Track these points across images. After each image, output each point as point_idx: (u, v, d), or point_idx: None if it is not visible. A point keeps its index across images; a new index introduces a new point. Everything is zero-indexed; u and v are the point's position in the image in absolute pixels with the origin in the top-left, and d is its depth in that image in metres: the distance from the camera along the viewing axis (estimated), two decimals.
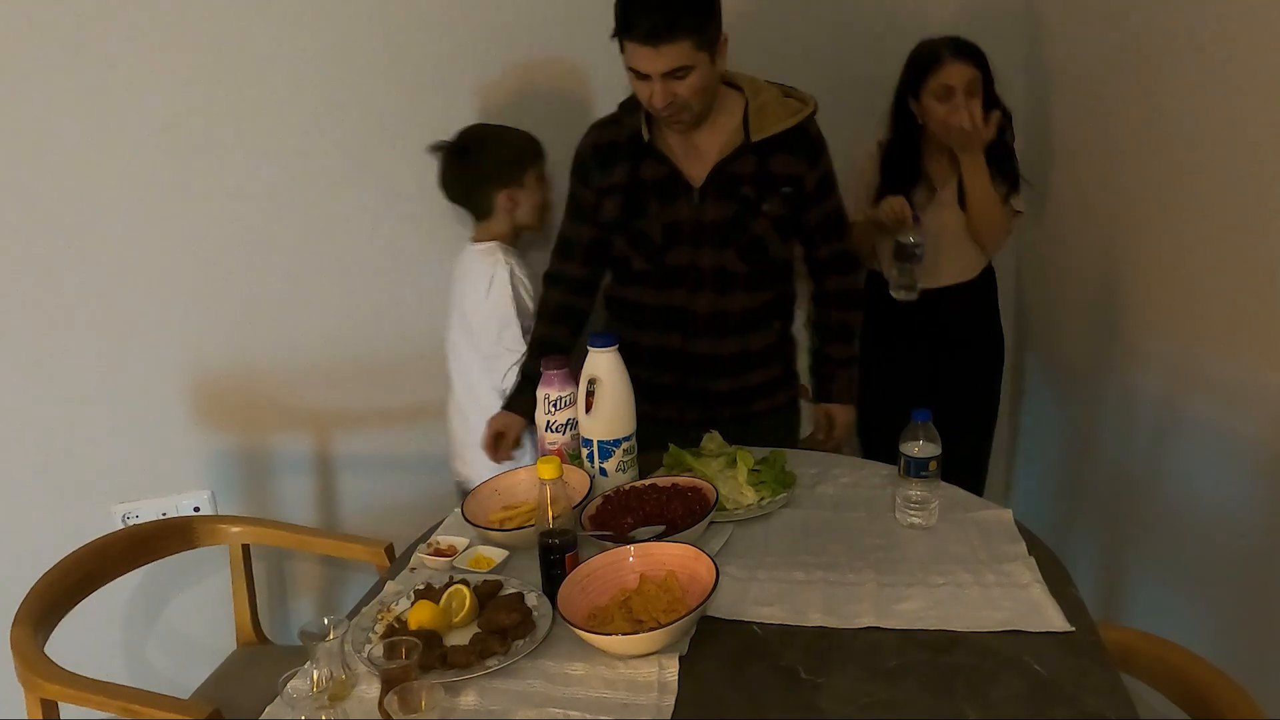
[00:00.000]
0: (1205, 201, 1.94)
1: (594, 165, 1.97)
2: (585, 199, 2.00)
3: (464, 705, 1.24)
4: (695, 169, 1.92)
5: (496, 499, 1.73)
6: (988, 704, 1.17)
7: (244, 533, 1.99)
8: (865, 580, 1.44)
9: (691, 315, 1.98)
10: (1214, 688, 1.29)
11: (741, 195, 1.93)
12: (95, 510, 2.23)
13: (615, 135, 1.96)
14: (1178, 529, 2.11)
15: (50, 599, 1.69)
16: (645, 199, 1.94)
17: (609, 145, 1.96)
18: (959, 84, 2.16)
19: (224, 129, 2.16)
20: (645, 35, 1.73)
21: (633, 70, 1.79)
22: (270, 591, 2.39)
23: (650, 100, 1.81)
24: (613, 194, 1.96)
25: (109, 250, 2.16)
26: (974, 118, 2.12)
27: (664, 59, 1.74)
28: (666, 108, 1.80)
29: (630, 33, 1.74)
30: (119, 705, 1.52)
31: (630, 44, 1.76)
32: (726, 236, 1.94)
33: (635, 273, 2.01)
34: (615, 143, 1.95)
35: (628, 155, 1.94)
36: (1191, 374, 2.03)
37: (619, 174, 1.95)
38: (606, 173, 1.96)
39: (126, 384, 2.23)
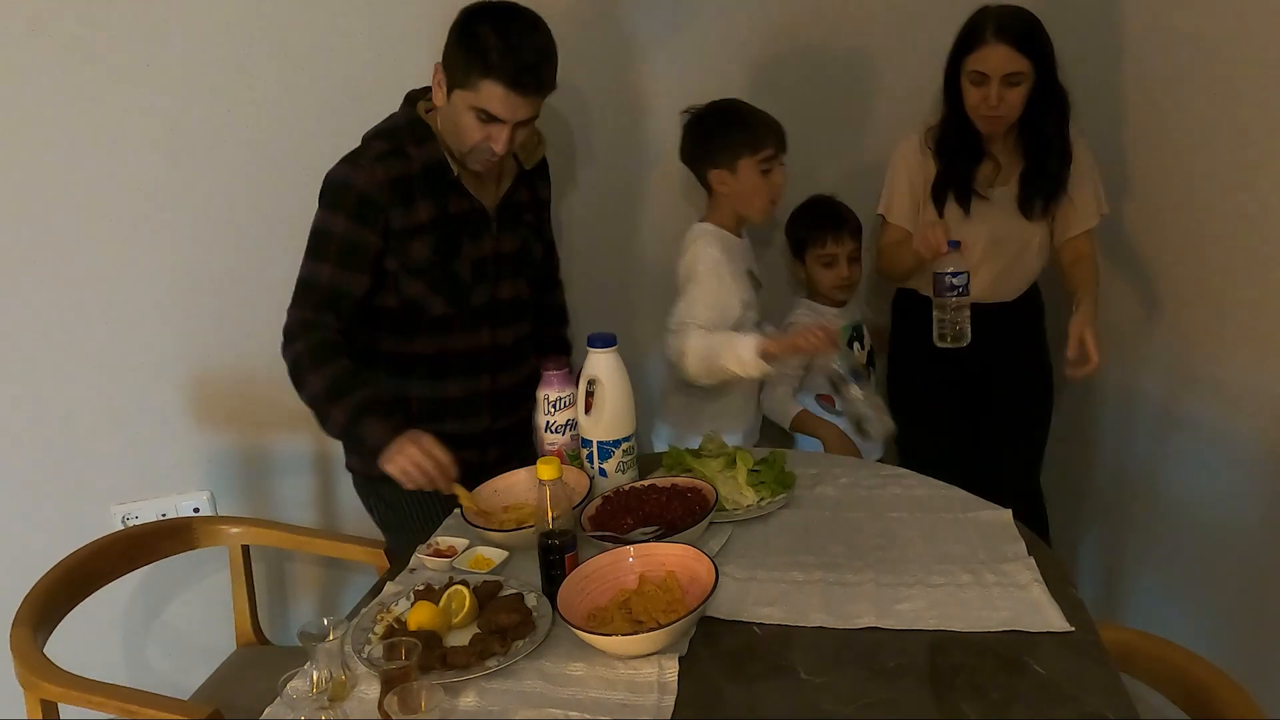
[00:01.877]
0: (1204, 201, 1.94)
1: (390, 203, 1.74)
2: (368, 243, 1.75)
3: (464, 706, 1.24)
4: (488, 200, 1.85)
5: (496, 499, 1.73)
6: (988, 704, 1.17)
7: (243, 534, 2.00)
8: (865, 580, 1.44)
9: (498, 351, 1.90)
10: (1213, 687, 1.29)
11: (525, 222, 1.92)
12: (95, 511, 2.23)
13: (406, 169, 1.76)
14: (1177, 529, 2.11)
15: (50, 600, 1.68)
16: (456, 236, 1.80)
17: (404, 180, 1.75)
18: (994, 72, 1.96)
19: (223, 128, 2.16)
20: (520, 84, 1.65)
21: (479, 110, 1.67)
22: (270, 592, 2.39)
23: (488, 142, 1.70)
24: (420, 234, 1.77)
25: (108, 250, 2.16)
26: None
27: (527, 108, 1.69)
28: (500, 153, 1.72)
29: (499, 76, 1.64)
30: (119, 706, 1.52)
31: (493, 86, 1.65)
32: (519, 266, 1.91)
33: (434, 319, 1.83)
34: (409, 176, 1.76)
35: (429, 190, 1.77)
36: (1191, 374, 2.03)
37: (424, 211, 1.77)
38: (409, 211, 1.75)
39: (126, 384, 2.23)
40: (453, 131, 1.74)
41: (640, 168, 2.43)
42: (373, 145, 1.78)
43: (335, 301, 1.76)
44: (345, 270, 1.76)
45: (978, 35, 1.98)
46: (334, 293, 1.75)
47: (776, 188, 2.04)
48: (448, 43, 1.71)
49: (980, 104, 1.99)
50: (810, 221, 2.26)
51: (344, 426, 1.70)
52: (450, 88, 1.71)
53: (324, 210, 1.77)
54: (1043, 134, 2.04)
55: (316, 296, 1.76)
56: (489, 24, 1.68)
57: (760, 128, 2.03)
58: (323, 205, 1.77)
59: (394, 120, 1.82)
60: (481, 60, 1.65)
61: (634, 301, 2.49)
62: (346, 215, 1.74)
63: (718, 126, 2.05)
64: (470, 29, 1.68)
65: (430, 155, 1.77)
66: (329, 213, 1.76)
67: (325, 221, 1.76)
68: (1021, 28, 1.96)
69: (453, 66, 1.70)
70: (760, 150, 2.01)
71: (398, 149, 1.77)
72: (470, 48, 1.67)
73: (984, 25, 1.97)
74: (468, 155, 1.76)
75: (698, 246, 2.03)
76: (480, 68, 1.65)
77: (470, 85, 1.67)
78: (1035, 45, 1.96)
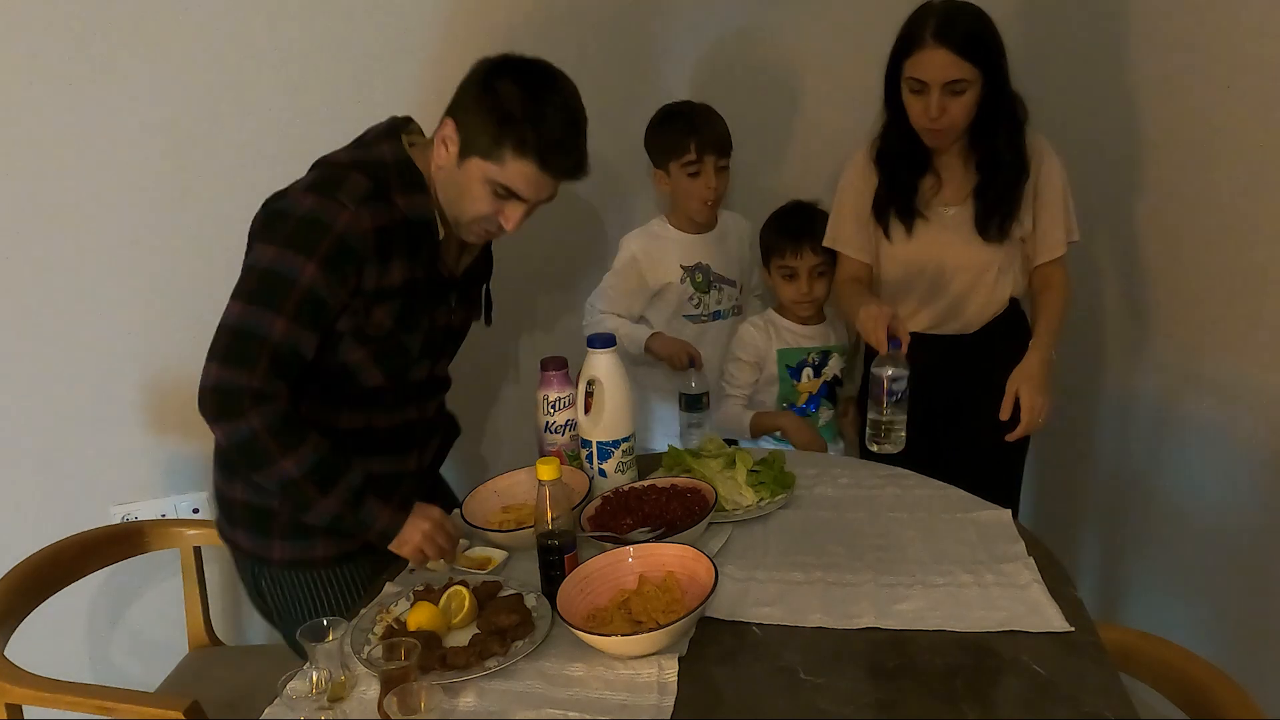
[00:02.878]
0: (1204, 202, 1.94)
1: (368, 258, 1.48)
2: (335, 300, 1.47)
3: (463, 706, 1.24)
4: (452, 268, 1.67)
5: (496, 500, 1.73)
6: (987, 704, 1.17)
7: (197, 535, 1.98)
8: (864, 581, 1.44)
9: (425, 426, 1.73)
10: (1212, 687, 1.29)
11: (473, 296, 1.77)
12: (94, 511, 2.23)
13: (391, 218, 1.50)
14: (1177, 529, 2.11)
15: (4, 605, 1.64)
16: (420, 306, 1.58)
17: (386, 232, 1.49)
18: (934, 80, 1.74)
19: (218, 128, 2.16)
20: (555, 165, 1.50)
21: (499, 185, 1.49)
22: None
23: (498, 218, 1.54)
24: (388, 299, 1.52)
25: (107, 250, 2.16)
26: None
27: (553, 188, 1.54)
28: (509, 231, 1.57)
29: (533, 155, 1.47)
30: (95, 704, 1.49)
31: (524, 165, 1.47)
32: (458, 340, 1.77)
33: (364, 391, 1.58)
34: (392, 229, 1.50)
35: (409, 250, 1.53)
36: (1191, 374, 2.03)
37: (398, 273, 1.52)
38: (383, 270, 1.50)
39: (125, 384, 2.23)
40: (456, 197, 1.54)
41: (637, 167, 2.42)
42: (352, 179, 1.49)
43: (286, 364, 1.45)
44: (301, 328, 1.45)
45: (915, 38, 1.74)
46: (286, 353, 1.44)
47: (707, 190, 2.09)
48: (466, 99, 1.51)
49: (921, 115, 1.78)
50: (774, 228, 2.14)
51: (337, 515, 1.48)
52: (466, 152, 1.49)
53: (284, 249, 1.44)
54: (993, 146, 1.83)
55: (264, 356, 1.43)
56: (521, 88, 1.48)
57: (681, 134, 2.08)
58: (281, 241, 1.45)
59: (378, 154, 1.54)
60: (513, 130, 1.45)
61: None
62: (319, 263, 1.43)
63: (651, 130, 2.15)
64: (501, 90, 1.47)
65: (418, 209, 1.53)
66: (292, 253, 1.43)
67: (285, 262, 1.44)
68: (965, 30, 1.73)
69: (475, 130, 1.48)
70: (682, 155, 2.08)
71: (382, 192, 1.50)
72: (502, 116, 1.46)
73: (922, 26, 1.74)
74: (463, 228, 1.58)
75: (622, 241, 2.20)
76: (514, 142, 1.46)
77: (495, 157, 1.47)
78: (981, 49, 1.73)
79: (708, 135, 2.08)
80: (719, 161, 2.10)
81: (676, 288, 2.19)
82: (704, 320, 2.22)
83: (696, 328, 2.22)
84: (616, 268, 2.18)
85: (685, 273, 2.19)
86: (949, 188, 1.92)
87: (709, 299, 2.21)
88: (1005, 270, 1.94)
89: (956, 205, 1.91)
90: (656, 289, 2.19)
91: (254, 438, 1.43)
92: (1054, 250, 1.93)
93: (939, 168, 1.91)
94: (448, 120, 1.52)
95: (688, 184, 2.11)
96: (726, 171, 2.13)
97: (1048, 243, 1.92)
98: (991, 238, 1.89)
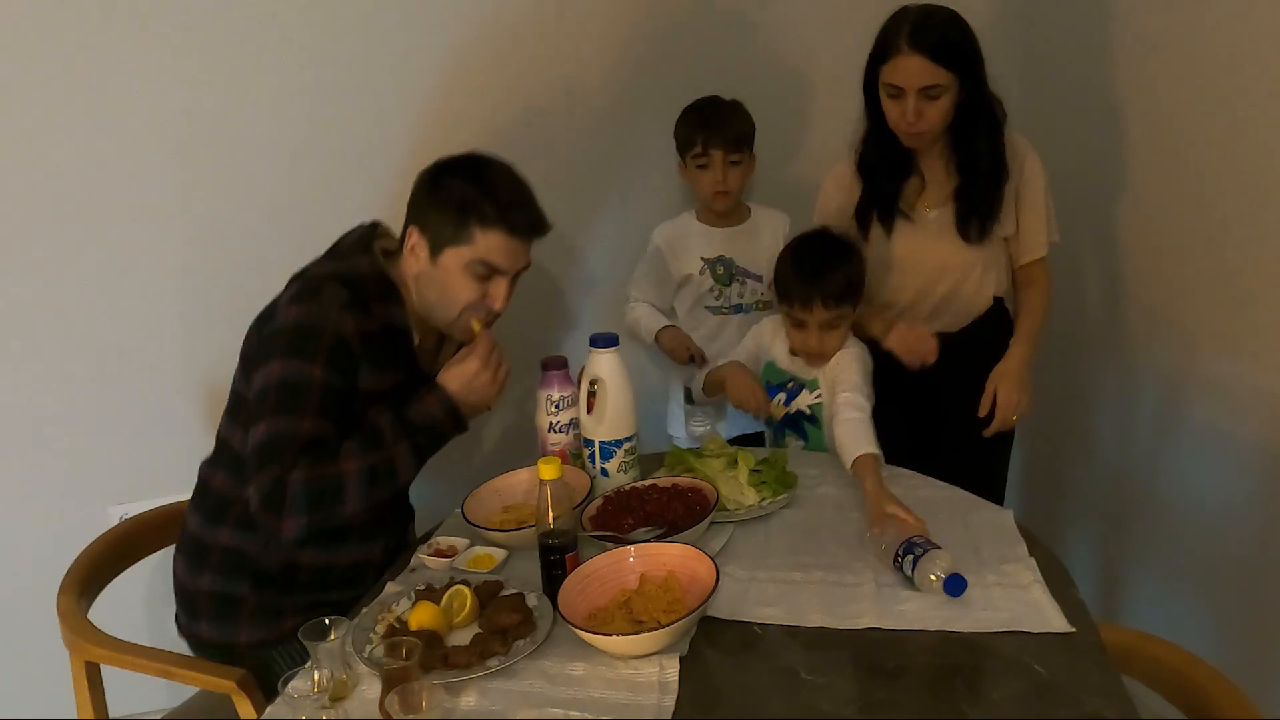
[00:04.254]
0: (1204, 202, 1.94)
1: (361, 356, 1.54)
2: (346, 389, 1.53)
3: (465, 705, 1.24)
4: (428, 365, 1.72)
5: (497, 499, 1.74)
6: (988, 704, 1.18)
7: None
8: (865, 581, 1.44)
9: (395, 509, 1.76)
10: (1212, 688, 1.29)
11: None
12: (93, 511, 2.23)
13: (369, 326, 1.55)
14: (1177, 529, 2.11)
15: (92, 569, 1.74)
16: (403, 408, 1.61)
17: (368, 338, 1.55)
18: (909, 85, 1.75)
19: (227, 128, 2.16)
20: (520, 228, 1.58)
21: (478, 264, 1.57)
22: None
23: (486, 300, 1.61)
24: (381, 400, 1.57)
25: (108, 250, 2.16)
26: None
27: (526, 254, 1.62)
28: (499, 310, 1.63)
29: (498, 223, 1.56)
30: (159, 668, 1.59)
31: (493, 235, 1.57)
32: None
33: None
34: (371, 334, 1.56)
35: (392, 356, 1.60)
36: (1190, 375, 2.03)
37: (388, 379, 1.58)
38: (375, 373, 1.56)
39: (125, 384, 2.23)
40: (439, 296, 1.61)
41: (638, 166, 2.43)
42: (329, 288, 1.54)
43: (309, 450, 1.49)
44: (326, 420, 1.50)
45: (890, 44, 1.75)
46: (310, 444, 1.49)
47: (714, 182, 2.13)
48: (421, 205, 1.61)
49: (899, 120, 1.79)
50: (788, 263, 1.88)
51: (413, 447, 1.55)
52: (437, 248, 1.59)
53: (288, 359, 1.50)
54: (971, 149, 1.85)
55: (294, 451, 1.47)
56: (467, 176, 1.59)
57: (691, 128, 2.14)
58: (283, 354, 1.51)
59: (354, 266, 1.61)
60: (474, 210, 1.56)
61: None
62: (323, 362, 1.49)
63: (677, 123, 2.19)
64: (449, 184, 1.59)
65: (394, 317, 1.61)
66: (299, 361, 1.49)
67: (296, 372, 1.49)
68: (939, 36, 1.73)
69: (437, 225, 1.58)
70: (690, 148, 2.14)
71: (360, 301, 1.55)
72: (458, 203, 1.57)
73: (897, 33, 1.74)
74: (452, 324, 1.64)
75: (653, 233, 2.27)
76: (476, 218, 1.56)
77: (465, 240, 1.57)
78: (955, 55, 1.74)
79: (716, 129, 2.11)
80: (729, 156, 2.12)
81: (696, 279, 2.22)
82: (724, 312, 2.23)
83: (717, 319, 2.24)
84: (645, 257, 2.27)
85: (705, 264, 2.22)
86: (931, 191, 1.93)
87: (730, 291, 2.23)
88: (989, 270, 1.96)
89: (938, 208, 1.93)
90: (679, 279, 2.24)
91: (308, 482, 1.47)
92: (1036, 251, 1.96)
93: (921, 171, 1.93)
94: (411, 230, 1.63)
95: (698, 176, 2.16)
96: (740, 166, 2.14)
97: (1030, 244, 1.95)
98: (972, 240, 1.90)
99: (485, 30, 2.26)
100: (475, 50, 2.27)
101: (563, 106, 2.34)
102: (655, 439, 2.35)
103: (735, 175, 2.15)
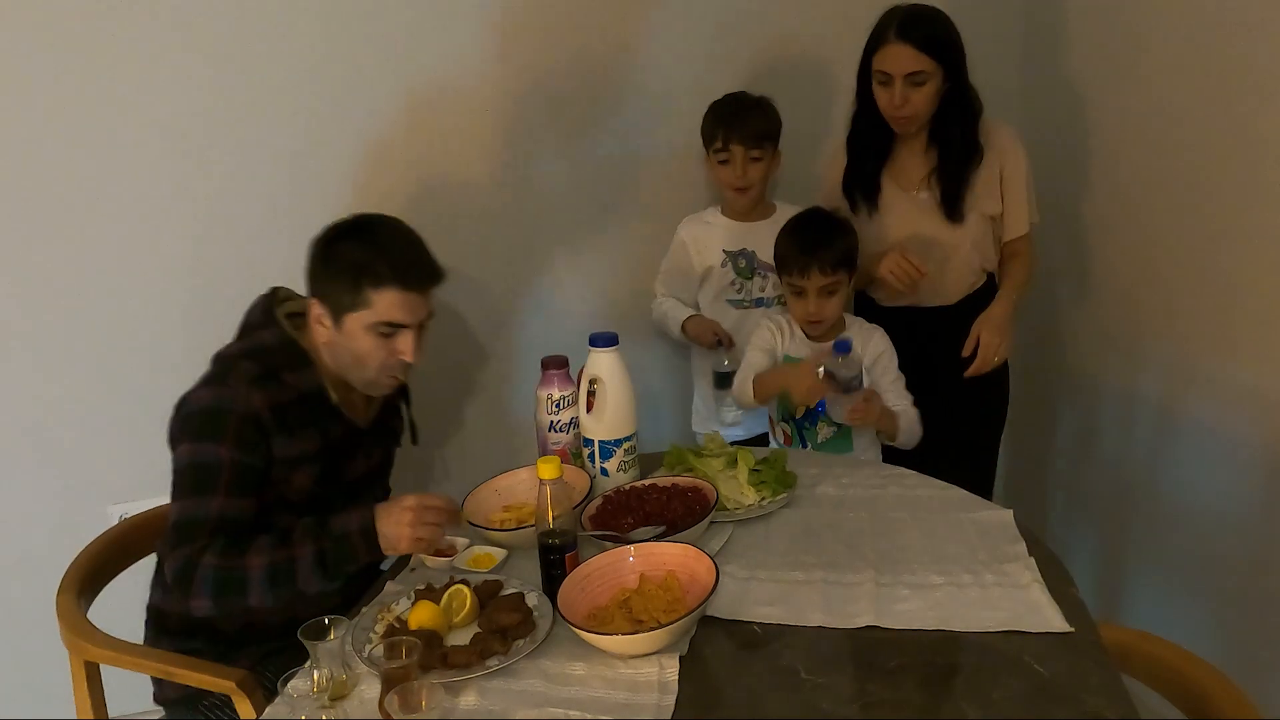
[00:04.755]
0: (1204, 202, 1.94)
1: (272, 430, 1.58)
2: (256, 467, 1.57)
3: (464, 705, 1.24)
4: (361, 417, 1.74)
5: (496, 499, 1.74)
6: (988, 704, 1.18)
7: None
8: (865, 580, 1.44)
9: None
10: (1211, 688, 1.29)
11: (393, 427, 1.84)
12: (91, 511, 2.23)
13: (282, 397, 1.60)
14: (1176, 529, 2.11)
15: (92, 569, 1.74)
16: (337, 462, 1.68)
17: (281, 409, 1.59)
18: (897, 71, 1.94)
19: (229, 128, 2.16)
20: (413, 281, 1.60)
21: (379, 325, 1.59)
22: None
23: (396, 357, 1.63)
24: (304, 464, 1.62)
25: (108, 250, 2.16)
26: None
27: (425, 304, 1.63)
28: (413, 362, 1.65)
29: (390, 281, 1.58)
30: (159, 667, 1.60)
31: (388, 294, 1.58)
32: (384, 474, 1.85)
33: None
34: (286, 405, 1.60)
35: (311, 420, 1.63)
36: (1190, 375, 2.03)
37: (308, 441, 1.62)
38: (291, 441, 1.60)
39: (123, 384, 2.23)
40: (351, 360, 1.64)
41: (638, 165, 2.43)
42: (241, 366, 1.60)
43: (224, 527, 1.54)
44: (236, 498, 1.55)
45: (882, 35, 1.97)
46: (228, 523, 1.54)
47: (734, 178, 2.16)
48: (317, 275, 1.63)
49: (887, 104, 1.99)
50: (785, 238, 2.01)
51: (318, 552, 1.51)
52: (338, 316, 1.61)
53: (195, 443, 1.56)
54: (947, 133, 2.03)
55: (206, 531, 1.52)
56: (354, 240, 1.62)
57: (713, 124, 2.17)
58: (192, 437, 1.57)
59: (260, 340, 1.65)
60: (366, 273, 1.58)
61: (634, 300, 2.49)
62: (230, 443, 1.54)
63: (704, 118, 2.21)
64: (336, 251, 1.62)
65: (309, 382, 1.64)
66: (205, 444, 1.55)
67: (202, 454, 1.55)
68: (925, 27, 1.94)
69: (336, 294, 1.60)
70: (711, 143, 2.18)
71: (271, 374, 1.61)
72: (346, 267, 1.59)
73: (888, 25, 1.96)
74: (372, 384, 1.67)
75: (678, 227, 2.30)
76: (369, 280, 1.58)
77: (363, 304, 1.59)
78: (938, 46, 1.94)
79: (737, 126, 2.14)
80: (750, 152, 2.14)
81: (718, 271, 2.25)
82: (746, 306, 2.26)
83: (738, 313, 2.26)
84: (669, 251, 2.31)
85: (728, 257, 2.24)
86: (913, 174, 2.10)
87: (751, 285, 2.25)
88: (978, 246, 2.12)
89: (924, 191, 2.10)
90: (701, 272, 2.27)
91: (215, 569, 1.50)
92: (1019, 229, 2.14)
93: (903, 156, 2.11)
94: (312, 302, 1.65)
95: (719, 171, 2.19)
96: (762, 163, 2.16)
97: (1013, 223, 2.13)
98: (955, 218, 2.08)
99: (490, 29, 2.26)
100: (477, 50, 2.27)
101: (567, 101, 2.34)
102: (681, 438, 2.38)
103: (756, 171, 2.16)
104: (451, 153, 2.31)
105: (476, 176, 2.34)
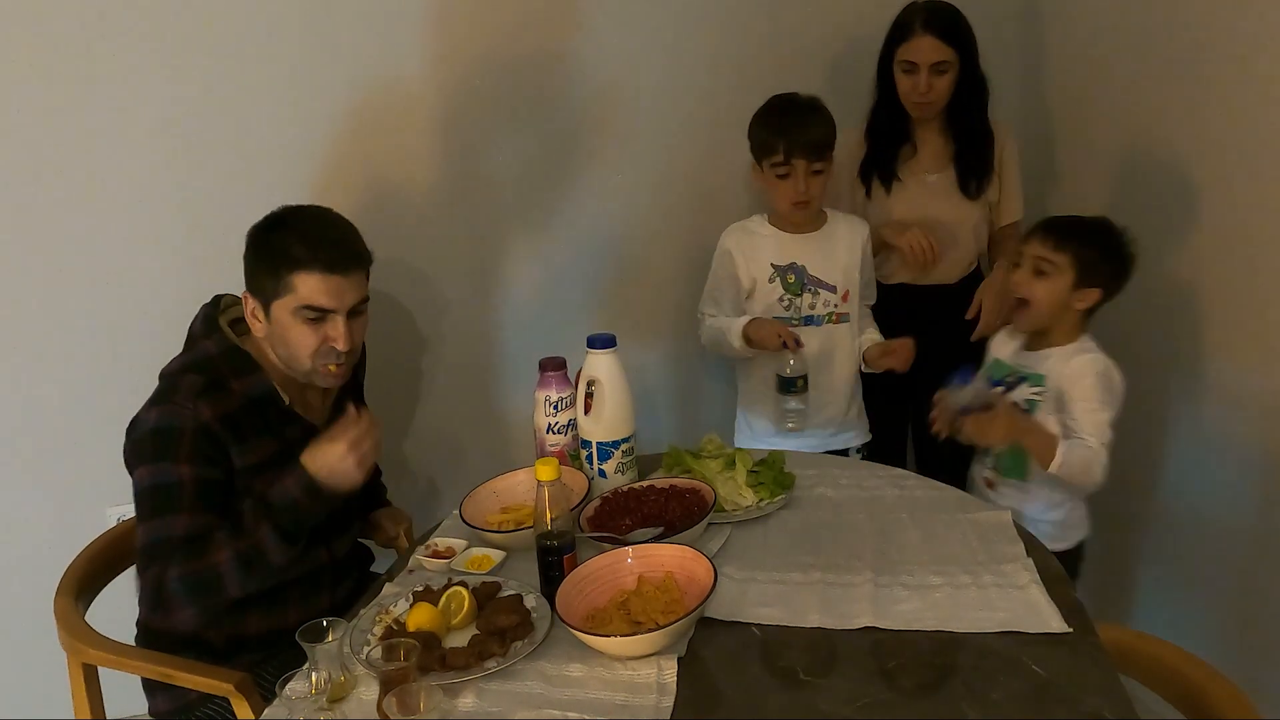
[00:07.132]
0: (1204, 202, 1.95)
1: (229, 441, 1.57)
2: (218, 480, 1.57)
3: (462, 707, 1.24)
4: (318, 415, 1.73)
5: (495, 500, 1.73)
6: (987, 704, 1.17)
7: None
8: (863, 581, 1.44)
9: (335, 564, 1.76)
10: (1210, 688, 1.29)
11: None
12: (89, 512, 2.22)
13: (229, 405, 1.59)
14: (1176, 529, 2.11)
15: (90, 571, 1.74)
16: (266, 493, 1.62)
17: (231, 418, 1.58)
18: (923, 61, 2.11)
19: (230, 128, 2.16)
20: (333, 264, 1.58)
21: (305, 309, 1.58)
22: None
23: (328, 344, 1.61)
24: (267, 470, 1.59)
25: (108, 250, 2.16)
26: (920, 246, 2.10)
27: (351, 288, 1.61)
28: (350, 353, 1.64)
29: (310, 264, 1.57)
30: (157, 670, 1.59)
31: (308, 277, 1.57)
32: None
33: None
34: (234, 413, 1.59)
35: (264, 426, 1.63)
36: (1191, 374, 2.03)
37: (265, 447, 1.61)
38: (246, 449, 1.59)
39: (121, 386, 2.21)
40: (287, 351, 1.63)
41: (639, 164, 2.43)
42: (186, 380, 1.59)
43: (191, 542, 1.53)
44: (202, 513, 1.54)
45: (908, 28, 2.14)
46: (190, 539, 1.52)
47: (795, 193, 2.01)
48: (248, 268, 1.64)
49: (911, 91, 2.15)
50: (768, 125, 2.01)
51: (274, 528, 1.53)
52: (266, 305, 1.61)
53: (152, 464, 1.54)
54: (967, 118, 2.21)
55: (174, 549, 1.52)
56: (276, 228, 1.63)
57: (772, 133, 2.01)
58: (149, 458, 1.55)
59: (203, 350, 1.64)
60: (285, 258, 1.58)
61: (634, 301, 2.49)
62: (187, 459, 1.53)
63: (753, 123, 2.08)
64: (262, 241, 1.63)
65: (258, 387, 1.63)
66: (163, 464, 1.54)
67: (161, 474, 1.54)
68: (947, 20, 2.13)
69: (260, 282, 1.61)
70: (770, 156, 2.02)
71: (217, 383, 1.59)
72: (268, 255, 1.60)
73: (913, 19, 2.14)
74: (311, 373, 1.65)
75: (721, 236, 2.18)
76: (288, 266, 1.57)
77: (285, 290, 1.58)
78: (959, 36, 2.13)
79: (797, 137, 1.99)
80: (811, 165, 2.00)
81: (765, 286, 2.11)
82: (795, 324, 2.09)
83: None
84: (714, 264, 2.17)
85: (776, 272, 2.10)
86: (930, 158, 2.25)
87: (801, 302, 2.11)
88: (978, 228, 2.28)
89: (937, 172, 2.24)
90: (748, 287, 2.13)
91: (183, 578, 1.51)
92: (1012, 215, 2.31)
93: (919, 141, 2.25)
94: (245, 296, 1.66)
95: (777, 184, 2.04)
96: (822, 175, 2.03)
97: (1007, 209, 2.31)
98: (972, 195, 2.24)
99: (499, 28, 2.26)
100: (480, 48, 2.27)
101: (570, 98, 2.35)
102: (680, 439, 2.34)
103: (817, 185, 2.03)
104: (452, 153, 2.31)
105: (476, 176, 2.34)
